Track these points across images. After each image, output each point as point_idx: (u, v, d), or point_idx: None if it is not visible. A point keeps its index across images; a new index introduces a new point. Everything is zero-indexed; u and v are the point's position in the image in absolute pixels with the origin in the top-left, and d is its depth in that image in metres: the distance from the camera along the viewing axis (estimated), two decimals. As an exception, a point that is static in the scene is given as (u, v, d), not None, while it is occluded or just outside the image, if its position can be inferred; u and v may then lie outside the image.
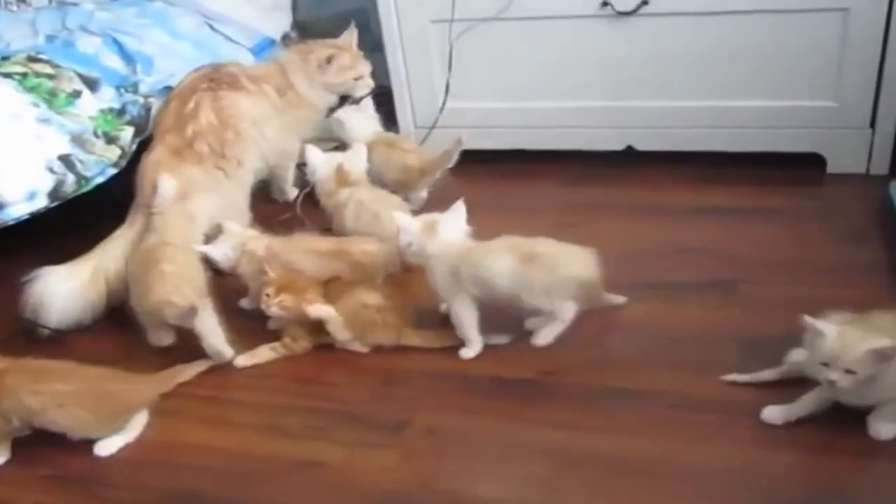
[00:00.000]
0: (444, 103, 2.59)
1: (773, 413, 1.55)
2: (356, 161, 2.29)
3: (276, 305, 1.85)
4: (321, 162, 2.29)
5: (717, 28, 2.29)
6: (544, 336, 1.77)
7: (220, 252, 2.04)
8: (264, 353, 1.90)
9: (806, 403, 1.54)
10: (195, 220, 2.16)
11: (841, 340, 1.44)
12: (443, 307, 1.91)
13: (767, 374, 1.65)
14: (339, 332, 1.85)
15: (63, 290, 2.01)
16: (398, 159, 2.43)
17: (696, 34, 2.32)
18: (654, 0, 2.31)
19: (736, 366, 1.69)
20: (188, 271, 1.96)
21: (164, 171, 2.17)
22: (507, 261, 1.75)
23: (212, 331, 1.86)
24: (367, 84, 2.51)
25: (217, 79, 2.37)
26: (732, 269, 2.01)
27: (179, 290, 1.88)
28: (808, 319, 1.47)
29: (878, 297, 1.58)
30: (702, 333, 1.82)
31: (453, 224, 1.86)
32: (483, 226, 2.07)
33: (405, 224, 1.85)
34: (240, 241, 2.05)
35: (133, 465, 1.66)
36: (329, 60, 2.42)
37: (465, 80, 2.55)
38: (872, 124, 2.29)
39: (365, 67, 2.49)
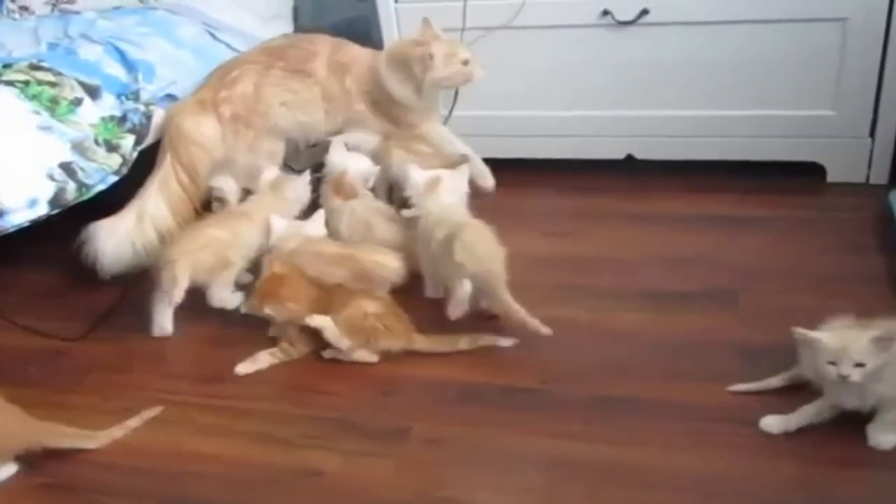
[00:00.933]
0: (450, 111, 2.59)
1: (772, 422, 1.55)
2: (360, 172, 2.26)
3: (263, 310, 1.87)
4: (334, 164, 2.28)
5: (717, 37, 2.29)
6: (451, 309, 1.90)
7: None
8: (264, 359, 1.90)
9: (805, 414, 1.54)
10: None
11: (842, 337, 1.46)
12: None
13: (773, 382, 1.66)
14: (338, 341, 1.85)
15: (113, 240, 2.17)
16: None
17: (696, 44, 2.32)
18: (654, 9, 2.32)
19: (736, 375, 1.69)
20: None
21: (184, 115, 2.35)
22: (439, 232, 1.93)
23: None
24: (480, 65, 2.35)
25: (281, 55, 2.41)
26: (732, 278, 2.01)
27: None
28: (800, 331, 1.48)
29: (878, 307, 1.57)
30: (702, 342, 1.82)
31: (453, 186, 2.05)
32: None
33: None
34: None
35: (130, 472, 1.66)
36: (429, 58, 2.30)
37: (467, 90, 2.54)
38: (872, 133, 2.30)
39: (465, 49, 2.36)
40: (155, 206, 2.27)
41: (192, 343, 2.01)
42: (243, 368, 1.89)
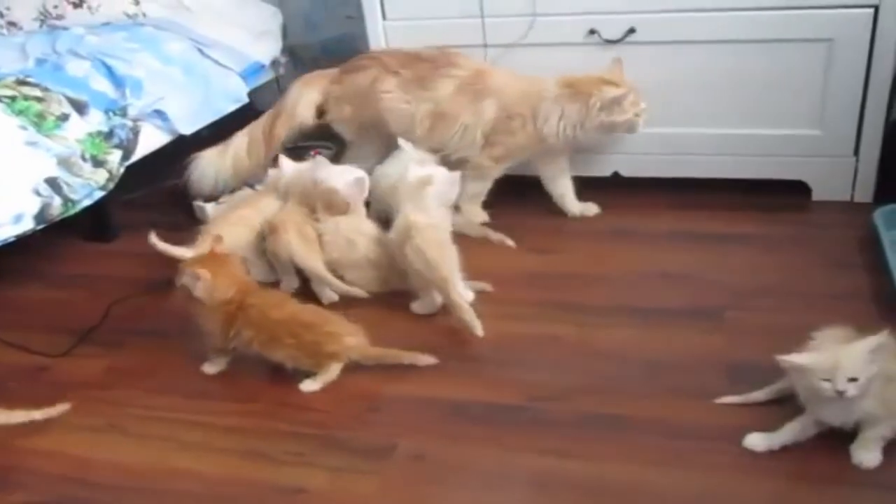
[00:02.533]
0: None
1: (756, 440, 1.55)
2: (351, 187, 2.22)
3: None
4: (322, 181, 2.22)
5: (703, 57, 2.31)
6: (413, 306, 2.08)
7: None
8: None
9: (789, 431, 1.55)
10: None
11: (832, 353, 1.46)
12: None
13: (758, 395, 1.66)
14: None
15: (202, 163, 2.50)
16: None
17: (682, 63, 2.34)
18: (640, 29, 2.33)
19: (722, 392, 1.70)
20: None
21: (302, 82, 2.56)
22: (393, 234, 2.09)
23: None
24: (644, 118, 2.31)
25: (413, 63, 2.40)
26: (718, 295, 2.02)
27: None
28: (784, 359, 1.48)
29: (863, 323, 1.58)
30: (688, 360, 1.82)
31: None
32: (470, 250, 2.10)
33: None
34: None
35: (112, 489, 1.64)
36: (619, 101, 2.25)
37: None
38: (856, 152, 2.31)
39: (642, 101, 2.29)
40: (239, 143, 2.53)
41: (178, 359, 1.99)
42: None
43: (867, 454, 1.50)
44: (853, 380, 1.43)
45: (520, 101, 2.33)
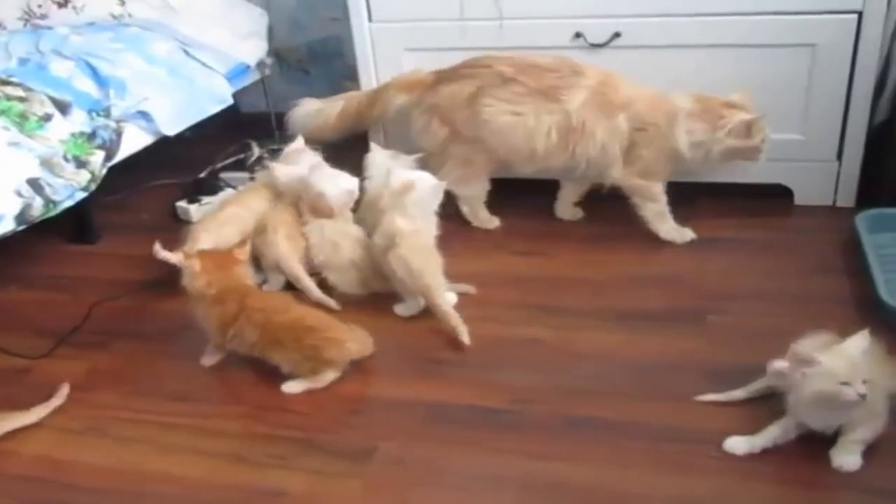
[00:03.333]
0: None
1: (737, 444, 1.56)
2: (338, 193, 2.19)
3: None
4: (311, 185, 2.20)
5: (688, 61, 2.32)
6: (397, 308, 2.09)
7: None
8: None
9: (769, 434, 1.55)
10: None
11: (842, 355, 1.48)
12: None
13: (738, 394, 1.68)
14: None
15: (301, 110, 2.57)
16: None
17: (667, 67, 2.34)
18: (626, 33, 2.34)
19: (702, 395, 1.70)
20: None
21: (397, 85, 2.44)
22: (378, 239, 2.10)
23: None
24: (767, 146, 2.21)
25: (530, 71, 2.26)
26: (700, 299, 2.03)
27: None
28: (796, 352, 1.49)
29: (845, 328, 1.58)
30: (670, 363, 1.82)
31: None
32: (455, 253, 2.10)
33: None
34: None
35: (91, 492, 1.63)
36: (750, 126, 2.16)
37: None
38: (839, 157, 2.33)
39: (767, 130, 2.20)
40: (333, 105, 2.53)
41: (159, 361, 1.99)
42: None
43: (848, 457, 1.50)
44: (865, 381, 1.44)
45: (651, 112, 2.23)
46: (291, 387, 1.84)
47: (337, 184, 2.18)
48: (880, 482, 1.49)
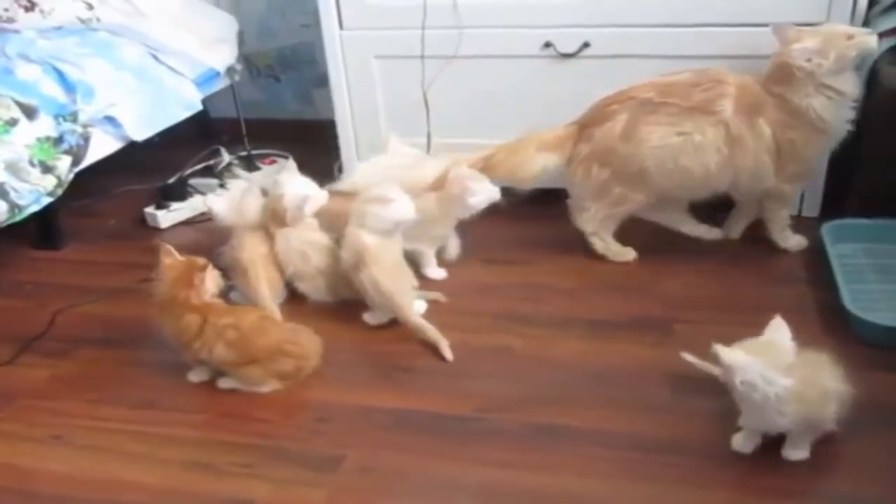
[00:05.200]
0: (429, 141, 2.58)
1: (741, 441, 1.59)
2: (295, 198, 2.13)
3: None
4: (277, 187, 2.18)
5: (657, 71, 2.31)
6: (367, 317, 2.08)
7: None
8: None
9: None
10: None
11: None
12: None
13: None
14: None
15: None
16: None
17: (637, 77, 2.33)
18: (595, 42, 2.35)
19: (669, 405, 1.72)
20: None
21: (531, 147, 2.26)
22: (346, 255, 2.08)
23: None
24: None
25: (675, 90, 2.13)
26: (667, 308, 2.04)
27: None
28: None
29: (809, 337, 1.60)
30: (636, 371, 1.83)
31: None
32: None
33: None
34: None
35: (56, 501, 1.61)
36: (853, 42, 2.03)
37: (408, 116, 2.55)
38: (805, 168, 2.35)
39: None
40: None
41: (123, 369, 1.97)
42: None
43: (793, 451, 1.55)
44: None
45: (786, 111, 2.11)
46: (226, 382, 1.86)
47: (297, 189, 2.14)
48: (846, 489, 1.52)
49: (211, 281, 1.88)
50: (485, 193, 2.14)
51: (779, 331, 1.57)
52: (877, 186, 2.22)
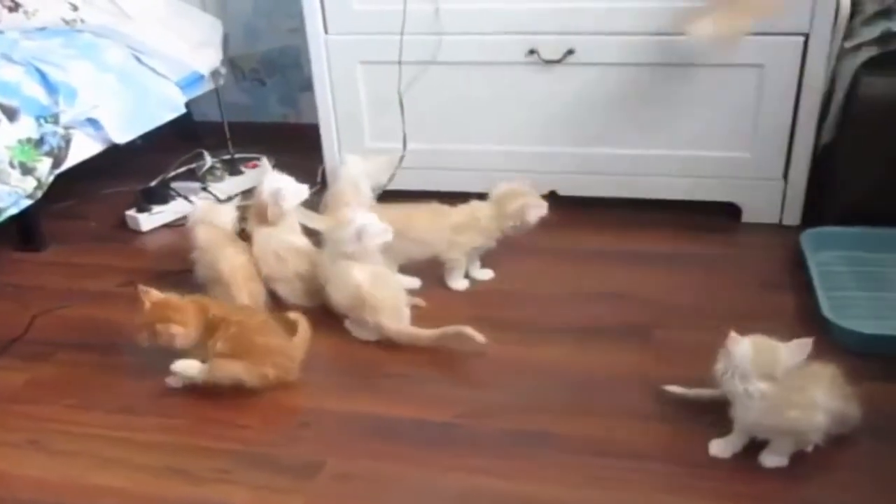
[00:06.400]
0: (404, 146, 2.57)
1: (720, 446, 1.60)
2: (269, 194, 2.13)
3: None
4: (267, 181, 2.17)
5: (640, 79, 2.35)
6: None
7: None
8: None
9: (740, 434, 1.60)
10: None
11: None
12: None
13: (705, 393, 1.69)
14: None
15: None
16: None
17: (620, 84, 2.37)
18: (579, 50, 2.36)
19: (650, 411, 1.72)
20: None
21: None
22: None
23: None
24: None
25: None
26: (648, 314, 2.05)
27: None
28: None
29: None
30: (617, 378, 1.84)
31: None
32: (406, 267, 2.10)
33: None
34: None
35: (30, 506, 1.60)
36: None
37: (390, 123, 2.55)
38: (785, 176, 2.37)
39: None
40: None
41: (101, 373, 1.95)
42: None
43: (771, 456, 1.57)
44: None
45: None
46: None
47: (272, 183, 2.13)
48: (823, 496, 1.52)
49: None
50: (539, 209, 2.15)
51: (799, 347, 1.53)
52: (855, 195, 2.24)
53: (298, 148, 2.75)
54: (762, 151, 2.34)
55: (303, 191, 2.17)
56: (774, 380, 1.49)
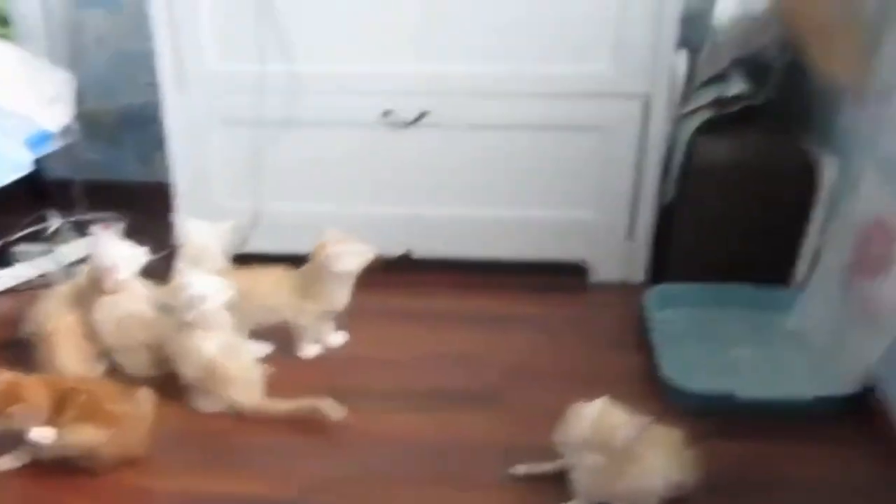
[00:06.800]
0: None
1: None
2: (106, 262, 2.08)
3: None
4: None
5: (490, 140, 2.39)
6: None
7: None
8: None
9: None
10: None
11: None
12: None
13: (548, 467, 1.72)
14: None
15: None
16: None
17: (472, 146, 2.40)
18: (434, 111, 2.38)
19: (500, 477, 1.73)
20: None
21: None
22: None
23: None
24: None
25: None
26: (498, 377, 2.07)
27: None
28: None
29: (636, 403, 1.63)
30: (466, 444, 1.85)
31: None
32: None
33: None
34: None
35: None
36: None
37: (246, 183, 2.52)
38: (630, 235, 2.45)
39: None
40: None
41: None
42: None
43: None
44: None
45: None
46: None
47: (111, 252, 2.08)
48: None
49: None
50: (354, 256, 2.10)
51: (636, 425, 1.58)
52: (694, 253, 2.34)
53: (154, 208, 2.67)
54: (607, 211, 2.42)
55: (139, 256, 2.11)
56: (612, 450, 1.53)
